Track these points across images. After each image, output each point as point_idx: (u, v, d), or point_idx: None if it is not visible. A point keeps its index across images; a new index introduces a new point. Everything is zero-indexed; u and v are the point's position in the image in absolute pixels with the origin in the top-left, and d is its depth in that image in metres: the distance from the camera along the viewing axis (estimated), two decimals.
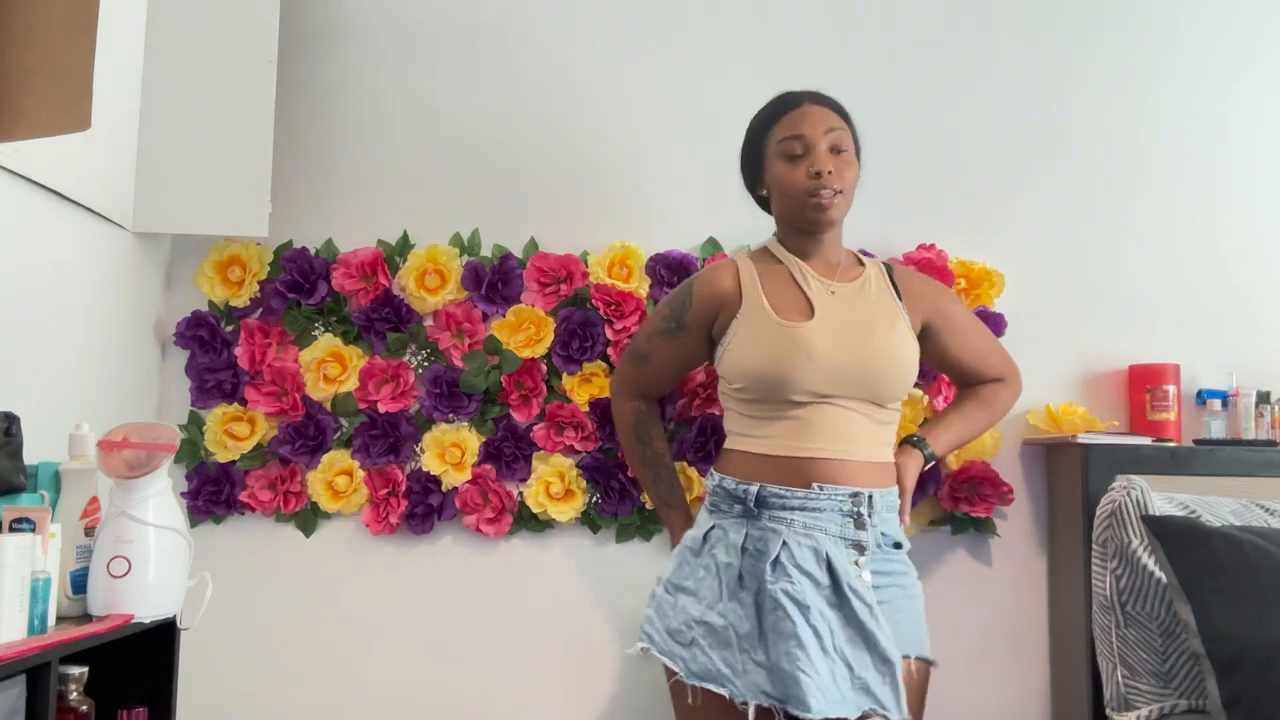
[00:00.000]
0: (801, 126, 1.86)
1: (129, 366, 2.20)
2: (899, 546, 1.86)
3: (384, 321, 2.29)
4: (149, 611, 1.58)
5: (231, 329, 2.30)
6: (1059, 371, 2.34)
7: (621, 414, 2.08)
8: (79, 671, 1.52)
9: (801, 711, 1.62)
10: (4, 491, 1.53)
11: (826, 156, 1.85)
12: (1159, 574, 1.94)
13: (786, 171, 1.87)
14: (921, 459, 1.94)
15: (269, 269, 2.30)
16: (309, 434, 2.27)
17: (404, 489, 2.26)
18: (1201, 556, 1.86)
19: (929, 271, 2.25)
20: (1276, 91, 2.42)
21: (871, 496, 1.79)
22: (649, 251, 2.30)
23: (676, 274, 2.27)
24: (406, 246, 2.32)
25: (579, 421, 2.25)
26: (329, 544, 2.29)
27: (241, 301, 2.29)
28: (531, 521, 2.27)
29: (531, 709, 2.26)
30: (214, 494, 2.27)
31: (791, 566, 1.72)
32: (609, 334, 2.26)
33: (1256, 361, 2.33)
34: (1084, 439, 2.14)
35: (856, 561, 1.77)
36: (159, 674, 1.68)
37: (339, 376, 2.27)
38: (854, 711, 1.65)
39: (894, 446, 1.91)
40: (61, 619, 1.53)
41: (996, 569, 2.30)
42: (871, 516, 1.79)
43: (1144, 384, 2.26)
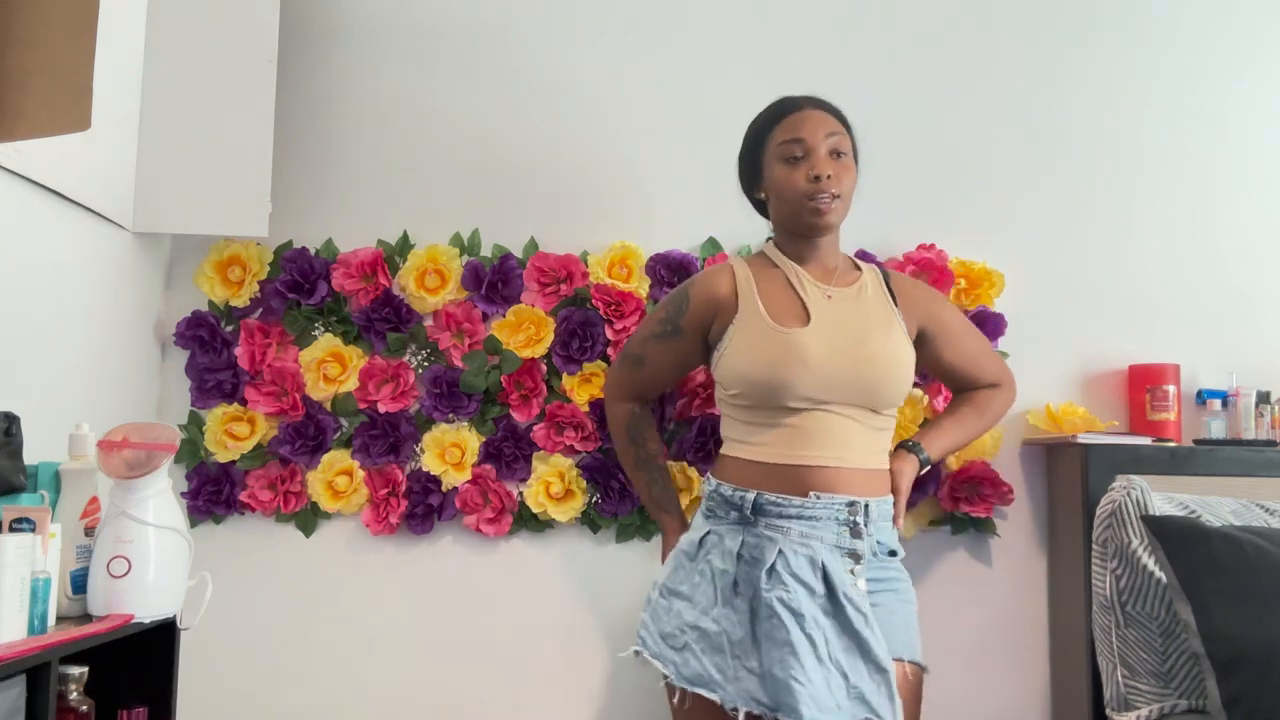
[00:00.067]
0: (801, 130, 1.86)
1: (129, 366, 2.20)
2: (894, 554, 1.86)
3: (384, 321, 2.29)
4: (149, 611, 1.58)
5: (231, 329, 2.30)
6: (1059, 371, 2.34)
7: (615, 416, 2.07)
8: (79, 671, 1.52)
9: None
10: (4, 491, 1.53)
11: (826, 160, 1.84)
12: (1159, 574, 1.94)
13: (785, 174, 1.86)
14: (916, 464, 1.94)
15: (269, 269, 2.30)
16: (309, 434, 2.27)
17: (404, 489, 2.26)
18: (1201, 556, 1.86)
19: (929, 272, 2.26)
20: (1276, 91, 2.42)
21: (868, 505, 1.79)
22: (649, 251, 2.30)
23: (676, 274, 2.27)
24: (406, 246, 2.32)
25: (579, 421, 2.25)
26: (329, 544, 2.29)
27: (241, 301, 2.29)
28: (531, 521, 2.27)
29: (531, 709, 2.26)
30: (214, 494, 2.27)
31: (787, 575, 1.71)
32: (609, 334, 2.26)
33: (1256, 361, 2.33)
34: (1084, 439, 2.14)
35: (852, 570, 1.76)
36: (159, 674, 1.68)
37: (339, 376, 2.27)
38: None
39: (889, 453, 1.91)
40: (61, 619, 1.53)
41: (996, 569, 2.31)
42: (867, 525, 1.78)
43: (1144, 384, 2.26)
